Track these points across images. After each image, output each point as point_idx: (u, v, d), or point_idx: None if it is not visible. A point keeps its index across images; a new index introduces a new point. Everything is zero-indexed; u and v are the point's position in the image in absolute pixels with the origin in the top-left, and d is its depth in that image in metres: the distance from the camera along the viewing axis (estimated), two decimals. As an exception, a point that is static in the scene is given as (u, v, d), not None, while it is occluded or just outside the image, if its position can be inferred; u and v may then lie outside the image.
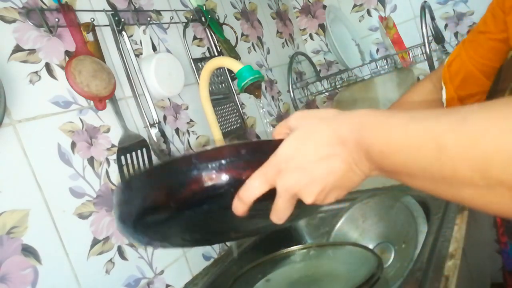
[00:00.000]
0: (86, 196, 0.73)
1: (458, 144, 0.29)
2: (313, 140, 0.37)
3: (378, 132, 0.34)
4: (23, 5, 0.70)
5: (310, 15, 1.65)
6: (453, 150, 0.29)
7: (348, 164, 0.36)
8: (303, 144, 0.37)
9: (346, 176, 0.37)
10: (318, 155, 0.36)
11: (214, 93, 1.05)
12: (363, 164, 0.36)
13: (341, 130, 0.36)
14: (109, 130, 0.79)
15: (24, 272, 0.62)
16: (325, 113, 0.39)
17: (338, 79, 1.44)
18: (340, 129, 0.36)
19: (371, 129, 0.35)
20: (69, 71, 0.71)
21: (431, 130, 0.31)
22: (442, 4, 1.43)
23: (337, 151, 0.36)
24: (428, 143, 0.30)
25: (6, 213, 0.61)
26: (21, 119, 0.66)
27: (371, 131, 0.34)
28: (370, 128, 0.35)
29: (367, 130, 0.35)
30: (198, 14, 1.08)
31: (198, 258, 0.92)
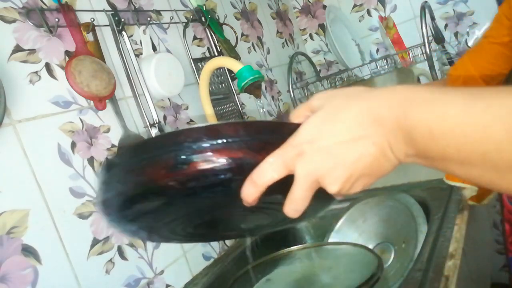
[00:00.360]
0: (86, 196, 0.73)
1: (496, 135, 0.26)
2: (341, 120, 0.31)
3: (430, 108, 0.28)
4: (23, 5, 0.70)
5: (310, 15, 1.65)
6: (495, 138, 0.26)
7: (381, 149, 0.31)
8: (329, 124, 0.31)
9: (377, 163, 0.31)
10: (346, 136, 0.31)
11: (214, 93, 1.05)
12: (400, 148, 0.31)
13: (378, 107, 0.30)
14: (109, 130, 0.79)
15: (24, 272, 0.62)
16: (354, 90, 0.33)
17: (338, 79, 1.44)
18: (376, 106, 0.30)
19: (420, 104, 0.29)
20: (69, 71, 0.71)
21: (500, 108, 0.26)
22: (442, 4, 1.43)
23: (370, 132, 0.30)
24: (497, 123, 0.26)
25: (6, 213, 0.61)
26: (21, 119, 0.66)
27: (420, 107, 0.29)
28: (418, 103, 0.29)
29: (414, 106, 0.29)
30: (198, 14, 1.08)
31: (198, 258, 0.92)
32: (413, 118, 0.29)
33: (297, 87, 1.48)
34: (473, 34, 1.42)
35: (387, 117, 0.30)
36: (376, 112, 0.30)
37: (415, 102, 0.29)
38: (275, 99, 1.37)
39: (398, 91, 0.31)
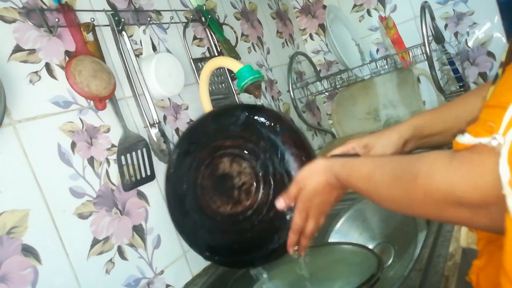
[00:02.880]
0: (86, 196, 0.73)
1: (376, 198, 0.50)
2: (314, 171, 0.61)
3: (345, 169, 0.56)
4: (23, 5, 0.70)
5: (310, 15, 1.65)
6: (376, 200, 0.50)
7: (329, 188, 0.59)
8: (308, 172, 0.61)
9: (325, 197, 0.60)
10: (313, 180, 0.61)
11: (214, 93, 1.05)
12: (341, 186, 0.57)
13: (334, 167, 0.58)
14: (109, 130, 0.79)
15: (24, 272, 0.62)
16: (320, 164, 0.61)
17: (338, 79, 1.44)
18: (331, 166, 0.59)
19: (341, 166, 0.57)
20: (69, 71, 0.71)
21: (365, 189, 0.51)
22: (442, 4, 1.43)
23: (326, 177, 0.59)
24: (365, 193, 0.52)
25: (6, 213, 0.61)
26: (21, 119, 0.66)
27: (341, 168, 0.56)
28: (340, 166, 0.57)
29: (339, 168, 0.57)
30: (198, 14, 1.08)
31: (198, 258, 0.92)
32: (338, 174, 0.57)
33: (297, 87, 1.48)
34: (473, 34, 1.42)
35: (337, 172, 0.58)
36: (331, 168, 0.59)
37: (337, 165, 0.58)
38: (275, 99, 1.37)
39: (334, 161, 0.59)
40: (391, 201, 0.47)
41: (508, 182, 0.32)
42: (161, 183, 0.87)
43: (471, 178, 0.35)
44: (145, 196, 0.83)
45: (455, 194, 0.37)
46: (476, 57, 1.43)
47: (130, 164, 0.80)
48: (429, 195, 0.39)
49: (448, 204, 0.38)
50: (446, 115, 0.67)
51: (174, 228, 0.87)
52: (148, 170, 0.83)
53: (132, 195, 0.81)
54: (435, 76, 1.16)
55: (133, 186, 0.80)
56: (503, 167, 0.32)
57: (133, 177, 0.80)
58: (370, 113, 1.54)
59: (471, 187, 0.35)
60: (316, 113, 1.62)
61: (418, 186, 0.41)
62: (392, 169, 0.47)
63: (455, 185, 0.37)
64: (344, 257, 0.78)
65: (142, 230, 0.81)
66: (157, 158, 0.86)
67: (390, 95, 1.48)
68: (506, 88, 0.36)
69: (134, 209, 0.81)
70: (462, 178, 0.36)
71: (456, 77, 1.37)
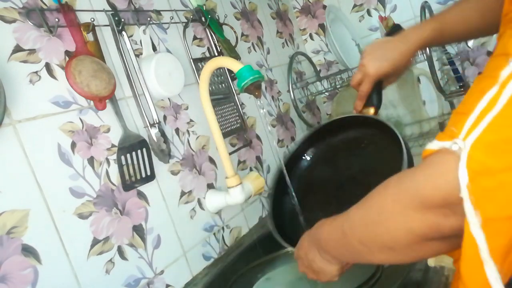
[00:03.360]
0: (86, 196, 0.73)
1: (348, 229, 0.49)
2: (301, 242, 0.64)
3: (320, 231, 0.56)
4: (23, 5, 0.70)
5: (310, 15, 1.65)
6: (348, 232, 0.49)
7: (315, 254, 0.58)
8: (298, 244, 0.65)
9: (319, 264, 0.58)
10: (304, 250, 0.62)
11: (214, 93, 1.05)
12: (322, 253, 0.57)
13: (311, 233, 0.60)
14: (109, 130, 0.79)
15: (24, 272, 0.62)
16: None
17: (338, 79, 1.44)
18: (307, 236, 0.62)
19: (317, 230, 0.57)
20: (69, 71, 0.71)
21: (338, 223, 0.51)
22: (442, 4, 1.43)
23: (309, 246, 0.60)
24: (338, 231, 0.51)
25: (6, 213, 0.61)
26: (21, 119, 0.66)
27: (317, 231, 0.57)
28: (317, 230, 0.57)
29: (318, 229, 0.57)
30: (198, 14, 1.08)
31: (198, 258, 0.92)
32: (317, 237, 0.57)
33: (297, 87, 1.48)
34: (473, 34, 1.41)
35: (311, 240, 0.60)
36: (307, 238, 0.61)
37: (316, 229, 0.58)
38: (275, 99, 1.37)
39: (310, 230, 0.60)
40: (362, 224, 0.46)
41: (466, 186, 0.33)
42: (161, 183, 0.87)
43: (433, 178, 0.37)
44: (145, 196, 0.83)
45: (420, 194, 0.38)
46: (476, 57, 1.43)
47: (130, 164, 0.80)
48: (396, 200, 0.40)
49: (414, 210, 0.39)
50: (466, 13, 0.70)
51: (174, 228, 0.87)
52: (148, 170, 0.83)
53: (132, 195, 0.81)
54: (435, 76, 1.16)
55: (133, 186, 0.80)
56: (462, 170, 0.34)
57: (133, 177, 0.80)
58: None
59: (434, 186, 0.37)
60: (316, 113, 1.62)
61: (386, 194, 0.42)
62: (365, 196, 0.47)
63: (420, 184, 0.38)
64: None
65: (142, 230, 0.81)
66: (157, 158, 0.86)
67: (390, 95, 1.48)
68: (471, 96, 0.38)
69: (134, 209, 0.81)
70: (426, 178, 0.38)
71: (456, 77, 1.36)
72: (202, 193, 0.98)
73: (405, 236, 0.41)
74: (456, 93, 1.27)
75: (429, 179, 0.37)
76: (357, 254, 0.49)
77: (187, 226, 0.91)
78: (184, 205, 0.92)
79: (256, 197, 1.13)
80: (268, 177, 1.22)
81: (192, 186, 0.95)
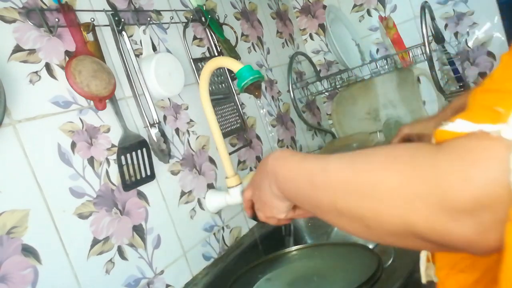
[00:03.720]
0: (86, 196, 0.73)
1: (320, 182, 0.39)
2: (259, 168, 0.53)
3: (282, 164, 0.47)
4: (23, 5, 0.70)
5: (310, 15, 1.65)
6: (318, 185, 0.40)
7: (269, 187, 0.49)
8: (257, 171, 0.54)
9: (268, 198, 0.50)
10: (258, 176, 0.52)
11: (214, 93, 1.05)
12: (275, 188, 0.48)
13: (267, 160, 0.49)
14: (109, 130, 0.79)
15: (24, 272, 0.62)
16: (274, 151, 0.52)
17: (338, 79, 1.44)
18: (267, 159, 0.50)
19: (282, 161, 0.47)
20: (69, 71, 0.71)
21: (308, 169, 0.42)
22: (442, 4, 1.43)
23: (263, 177, 0.50)
24: (305, 178, 0.42)
25: (6, 213, 0.61)
26: (21, 119, 0.66)
27: (278, 162, 0.47)
28: (280, 160, 0.47)
29: (276, 161, 0.47)
30: (198, 14, 1.08)
31: (198, 258, 0.92)
32: (275, 169, 0.47)
33: (297, 87, 1.48)
34: (473, 34, 1.42)
35: (269, 169, 0.49)
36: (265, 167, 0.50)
37: (276, 161, 0.48)
38: (275, 99, 1.37)
39: (275, 154, 0.49)
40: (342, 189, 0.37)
41: None
42: (161, 183, 0.87)
43: (464, 170, 0.27)
44: (145, 196, 0.83)
45: (440, 189, 0.28)
46: (476, 57, 1.43)
47: (130, 164, 0.80)
48: (405, 185, 0.31)
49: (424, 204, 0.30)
50: None
51: (174, 228, 0.87)
52: (148, 170, 0.83)
53: (132, 195, 0.81)
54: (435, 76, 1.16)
55: (133, 186, 0.80)
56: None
57: (133, 177, 0.80)
58: (370, 113, 1.54)
59: (463, 180, 0.27)
60: (316, 113, 1.62)
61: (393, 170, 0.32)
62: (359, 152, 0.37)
63: (443, 176, 0.28)
64: (344, 257, 0.78)
65: (142, 230, 0.81)
66: (157, 158, 0.86)
67: (390, 95, 1.48)
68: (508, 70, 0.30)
69: (134, 209, 0.81)
70: (452, 169, 0.28)
71: (456, 77, 1.37)
72: (202, 193, 0.98)
73: (396, 224, 0.32)
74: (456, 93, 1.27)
75: (459, 170, 0.28)
76: (319, 210, 0.41)
77: (187, 226, 0.91)
78: (184, 205, 0.92)
79: (256, 197, 1.13)
80: (268, 177, 1.22)
81: (192, 186, 0.95)
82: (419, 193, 0.30)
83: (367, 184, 0.34)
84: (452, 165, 0.28)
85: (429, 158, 0.30)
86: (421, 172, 0.30)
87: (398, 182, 0.32)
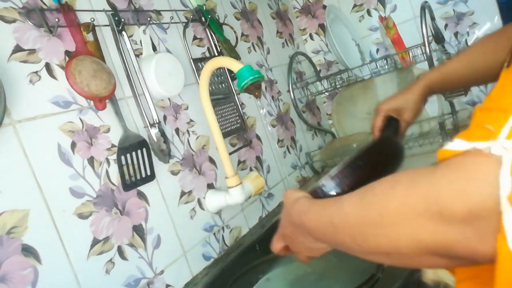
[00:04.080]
0: (86, 196, 0.73)
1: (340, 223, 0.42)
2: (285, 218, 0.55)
3: (307, 217, 0.49)
4: (23, 5, 0.70)
5: (310, 15, 1.65)
6: (339, 226, 0.43)
7: (304, 237, 0.51)
8: (283, 219, 0.56)
9: (307, 245, 0.53)
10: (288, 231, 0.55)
11: (214, 93, 1.05)
12: (309, 237, 0.50)
13: (293, 215, 0.52)
14: (109, 130, 0.79)
15: (24, 272, 0.62)
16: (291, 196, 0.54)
17: (338, 79, 1.44)
18: (292, 214, 0.52)
19: (305, 214, 0.49)
20: (69, 71, 0.71)
21: (329, 213, 0.45)
22: (442, 4, 1.43)
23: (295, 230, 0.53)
24: (327, 223, 0.45)
25: (6, 213, 0.61)
26: (21, 119, 0.66)
27: (305, 216, 0.49)
28: (304, 214, 0.50)
29: (302, 216, 0.50)
30: (198, 14, 1.08)
31: (198, 258, 0.92)
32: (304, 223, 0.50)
33: (297, 87, 1.48)
34: (473, 34, 1.41)
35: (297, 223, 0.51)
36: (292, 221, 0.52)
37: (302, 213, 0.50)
38: (275, 99, 1.37)
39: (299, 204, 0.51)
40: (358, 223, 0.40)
41: (507, 196, 0.27)
42: (161, 183, 0.87)
43: (460, 185, 0.30)
44: (145, 196, 0.83)
45: (440, 202, 0.31)
46: (476, 57, 1.43)
47: (130, 164, 0.80)
48: (408, 204, 0.34)
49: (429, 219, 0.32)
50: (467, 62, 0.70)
51: (174, 228, 0.87)
52: (148, 170, 0.83)
53: (132, 195, 0.81)
54: (435, 76, 1.15)
55: (133, 186, 0.80)
56: (505, 177, 0.28)
57: (133, 177, 0.80)
58: (370, 113, 1.54)
59: (460, 194, 0.30)
60: (316, 113, 1.62)
61: (395, 194, 0.35)
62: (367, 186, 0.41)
63: (442, 190, 0.31)
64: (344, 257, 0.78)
65: (142, 230, 0.81)
66: (157, 158, 0.86)
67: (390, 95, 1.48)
68: (506, 91, 0.33)
69: (134, 209, 0.81)
70: (450, 183, 0.31)
71: (456, 77, 1.36)
72: (202, 193, 0.98)
73: (409, 246, 0.35)
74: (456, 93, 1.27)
75: (455, 185, 0.31)
76: (347, 248, 0.44)
77: (187, 226, 0.91)
78: (184, 205, 0.92)
79: (256, 197, 1.13)
80: (268, 177, 1.22)
81: (192, 186, 0.95)
82: (421, 210, 0.32)
83: (375, 213, 0.37)
84: (449, 181, 0.31)
85: (427, 177, 0.33)
86: (421, 190, 0.33)
87: (401, 203, 0.34)
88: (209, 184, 1.00)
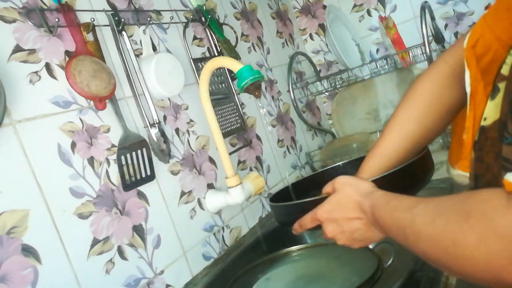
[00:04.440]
0: (86, 196, 0.73)
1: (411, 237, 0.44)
2: (347, 204, 0.57)
3: (380, 213, 0.51)
4: (23, 5, 0.70)
5: (310, 15, 1.65)
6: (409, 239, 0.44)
7: (367, 226, 0.55)
8: (340, 205, 0.57)
9: (366, 234, 0.55)
10: (349, 215, 0.56)
11: (214, 93, 1.05)
12: (376, 229, 0.54)
13: (364, 205, 0.54)
14: (109, 130, 0.79)
15: (24, 272, 0.62)
16: (359, 186, 0.57)
17: (338, 79, 1.44)
18: (363, 204, 0.55)
19: (379, 210, 0.52)
20: (69, 71, 0.71)
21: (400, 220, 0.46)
22: (442, 4, 1.43)
23: (361, 215, 0.55)
24: (398, 230, 0.47)
25: (6, 213, 0.61)
26: (21, 119, 0.66)
27: (378, 212, 0.52)
28: (378, 209, 0.52)
29: (376, 210, 0.52)
30: (198, 14, 1.08)
31: (198, 258, 0.92)
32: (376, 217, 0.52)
33: (297, 87, 1.48)
34: (473, 34, 1.41)
35: (368, 212, 0.54)
36: (363, 208, 0.55)
37: (376, 208, 0.52)
38: (275, 99, 1.37)
39: (374, 197, 0.54)
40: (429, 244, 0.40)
41: None
42: (161, 183, 0.87)
43: None
44: (145, 196, 0.83)
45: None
46: (476, 57, 1.43)
47: (130, 164, 0.80)
48: (483, 241, 0.33)
49: (508, 260, 0.32)
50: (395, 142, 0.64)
51: (174, 228, 0.87)
52: (148, 170, 0.83)
53: (132, 195, 0.81)
54: (435, 76, 1.15)
55: (133, 186, 0.80)
56: None
57: (133, 177, 0.80)
58: (370, 113, 1.54)
59: None
60: (316, 113, 1.62)
61: (468, 228, 0.35)
62: (437, 205, 0.41)
63: None
64: (344, 257, 0.78)
65: (142, 230, 0.81)
66: (157, 158, 0.86)
67: (390, 95, 1.48)
68: None
69: (134, 209, 0.81)
70: None
71: (456, 77, 1.36)
72: (202, 193, 0.98)
73: (484, 278, 0.34)
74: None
75: None
76: (414, 251, 0.45)
77: (187, 226, 0.91)
78: (184, 205, 0.92)
79: (256, 197, 1.13)
80: (268, 177, 1.22)
81: (192, 186, 0.95)
82: (498, 250, 0.32)
83: (449, 241, 0.37)
84: None
85: (501, 213, 0.32)
86: (496, 228, 0.32)
87: (476, 240, 0.34)
88: (209, 184, 1.00)
